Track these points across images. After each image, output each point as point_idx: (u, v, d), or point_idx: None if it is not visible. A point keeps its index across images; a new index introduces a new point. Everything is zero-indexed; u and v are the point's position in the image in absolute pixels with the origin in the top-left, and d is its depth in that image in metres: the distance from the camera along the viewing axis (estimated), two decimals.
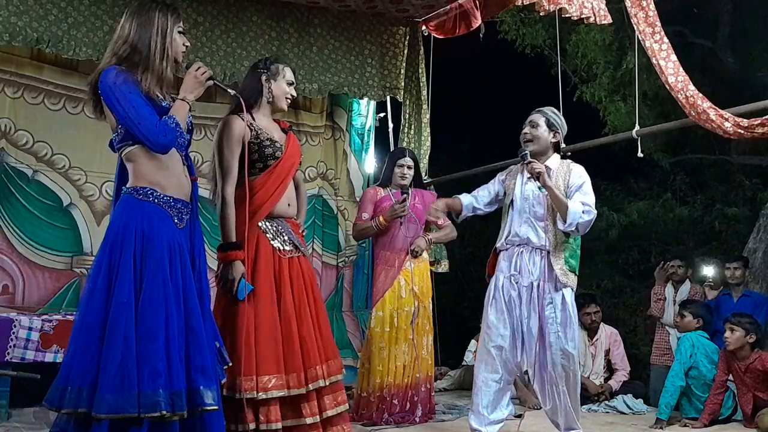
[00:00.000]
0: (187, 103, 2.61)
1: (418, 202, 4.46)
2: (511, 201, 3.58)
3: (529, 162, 3.45)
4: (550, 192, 3.41)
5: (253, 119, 3.20)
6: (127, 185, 2.60)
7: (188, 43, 2.70)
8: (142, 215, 2.53)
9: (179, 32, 2.65)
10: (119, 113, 2.50)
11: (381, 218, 4.31)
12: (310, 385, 3.08)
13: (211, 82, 2.69)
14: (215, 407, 2.49)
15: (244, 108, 2.89)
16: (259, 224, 3.15)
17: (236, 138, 3.10)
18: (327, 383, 3.13)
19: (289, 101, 3.31)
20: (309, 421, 3.07)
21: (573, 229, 3.40)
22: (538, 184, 3.41)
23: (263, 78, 3.25)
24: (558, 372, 3.38)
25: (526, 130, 3.57)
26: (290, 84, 3.30)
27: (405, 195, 4.32)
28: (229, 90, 2.84)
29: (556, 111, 3.67)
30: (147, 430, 2.38)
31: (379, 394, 4.23)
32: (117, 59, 2.57)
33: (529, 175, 3.50)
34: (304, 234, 3.39)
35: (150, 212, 2.54)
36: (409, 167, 4.48)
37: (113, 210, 2.63)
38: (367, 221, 4.39)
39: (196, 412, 2.47)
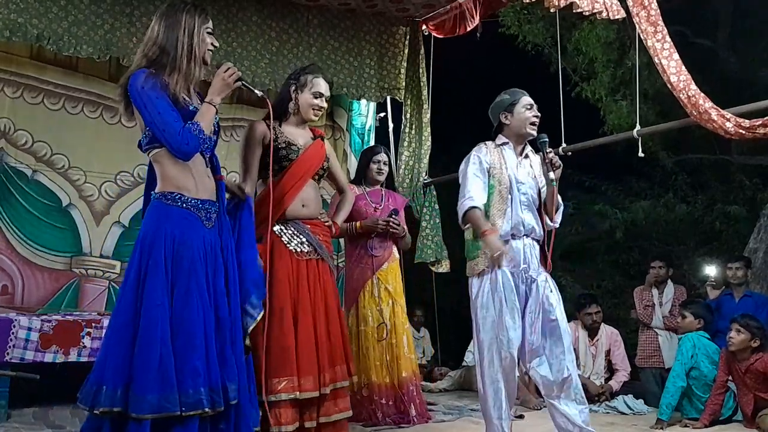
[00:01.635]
0: (214, 106, 2.63)
1: (391, 204, 4.45)
2: (509, 185, 3.28)
3: (551, 151, 3.27)
4: (552, 188, 3.27)
5: (280, 125, 3.30)
6: (156, 190, 2.64)
7: (216, 44, 2.73)
8: (172, 220, 2.58)
9: (207, 32, 2.68)
10: (146, 117, 2.54)
11: (358, 225, 4.26)
12: (323, 389, 3.11)
13: (239, 84, 2.70)
14: (236, 400, 2.56)
15: (270, 110, 2.93)
16: (274, 229, 3.18)
17: (256, 140, 3.22)
18: (330, 389, 3.15)
19: (318, 112, 3.35)
20: (307, 425, 3.10)
21: (557, 226, 3.35)
22: (552, 176, 3.23)
23: (292, 89, 3.34)
24: (566, 346, 3.22)
25: (537, 113, 3.35)
26: (318, 96, 3.32)
27: (393, 213, 4.28)
28: (256, 91, 2.85)
29: None
30: (190, 427, 2.43)
31: (367, 395, 4.20)
32: (147, 61, 2.60)
33: (523, 156, 3.37)
34: (333, 233, 3.41)
35: (179, 217, 2.59)
36: (384, 163, 4.46)
37: (144, 214, 2.67)
38: None
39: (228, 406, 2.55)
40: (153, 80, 2.54)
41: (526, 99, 3.39)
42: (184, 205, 2.60)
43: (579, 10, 4.35)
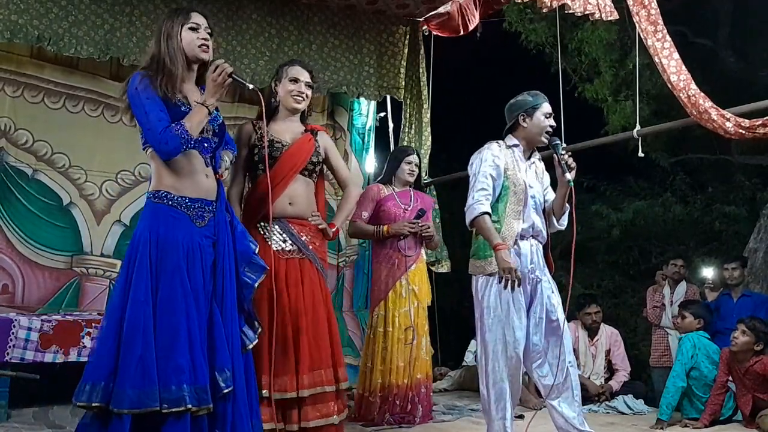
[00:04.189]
0: (206, 107, 2.66)
1: (420, 204, 4.46)
2: (523, 187, 3.28)
3: (564, 153, 3.25)
4: (565, 190, 3.26)
5: (267, 124, 3.29)
6: (149, 189, 2.71)
7: (204, 36, 2.75)
8: (159, 218, 2.63)
9: (190, 29, 2.72)
10: (136, 118, 2.65)
11: (386, 228, 4.27)
12: (301, 392, 3.07)
13: (230, 80, 2.71)
14: (230, 387, 2.59)
15: (262, 103, 2.90)
16: (258, 226, 3.17)
17: (242, 142, 3.27)
18: (309, 393, 3.10)
19: (299, 97, 3.31)
20: (288, 428, 3.07)
21: (562, 228, 3.36)
22: (569, 177, 3.19)
23: (273, 85, 3.37)
24: (567, 347, 3.25)
25: (553, 123, 3.34)
26: (293, 80, 3.30)
27: (421, 215, 4.29)
28: (247, 84, 2.83)
29: None
30: (181, 425, 2.45)
31: (381, 394, 4.21)
32: (143, 69, 2.71)
33: (531, 161, 3.36)
34: (322, 230, 3.36)
35: (166, 215, 2.63)
36: (416, 164, 4.48)
37: None
38: (367, 223, 4.34)
39: (216, 398, 2.58)
40: (146, 81, 2.63)
41: (547, 106, 3.35)
42: (171, 203, 2.64)
43: (570, 11, 4.36)
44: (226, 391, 2.57)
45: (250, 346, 2.78)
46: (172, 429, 2.45)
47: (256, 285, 2.82)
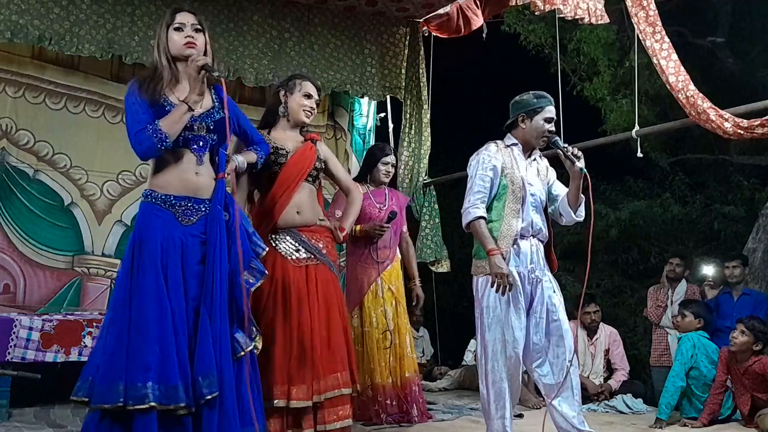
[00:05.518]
0: (186, 104, 2.66)
1: (394, 204, 4.43)
2: (521, 185, 3.26)
3: (566, 146, 3.25)
4: (578, 182, 3.24)
5: (269, 132, 3.34)
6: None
7: (189, 34, 2.73)
8: (144, 217, 2.68)
9: (175, 29, 2.74)
10: None
11: (359, 228, 4.22)
12: (315, 398, 3.09)
13: (204, 72, 2.71)
14: (215, 393, 2.56)
15: (223, 87, 2.78)
16: (269, 239, 3.20)
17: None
18: (325, 397, 3.12)
19: (309, 113, 3.38)
20: None
21: (581, 219, 3.36)
22: (579, 165, 3.18)
23: (281, 93, 3.39)
24: (568, 346, 3.24)
25: (553, 128, 3.31)
26: (307, 96, 3.35)
27: (392, 218, 4.24)
28: (214, 73, 2.75)
29: None
30: (139, 421, 2.47)
31: (372, 395, 4.20)
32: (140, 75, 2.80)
33: (532, 158, 3.36)
34: (332, 232, 3.38)
35: (149, 212, 2.68)
36: (392, 165, 4.46)
37: None
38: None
39: (200, 404, 2.56)
40: (135, 86, 2.69)
41: (550, 110, 3.31)
42: (155, 200, 2.68)
43: (561, 15, 4.40)
44: (209, 396, 2.54)
45: (242, 354, 2.72)
46: (140, 426, 2.46)
47: (252, 289, 2.80)
